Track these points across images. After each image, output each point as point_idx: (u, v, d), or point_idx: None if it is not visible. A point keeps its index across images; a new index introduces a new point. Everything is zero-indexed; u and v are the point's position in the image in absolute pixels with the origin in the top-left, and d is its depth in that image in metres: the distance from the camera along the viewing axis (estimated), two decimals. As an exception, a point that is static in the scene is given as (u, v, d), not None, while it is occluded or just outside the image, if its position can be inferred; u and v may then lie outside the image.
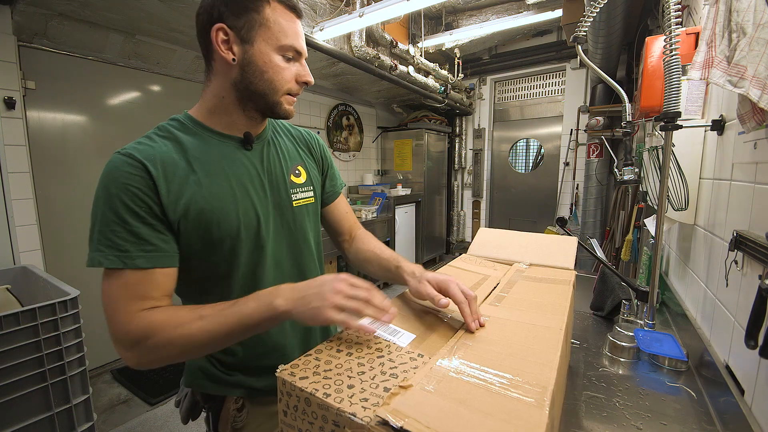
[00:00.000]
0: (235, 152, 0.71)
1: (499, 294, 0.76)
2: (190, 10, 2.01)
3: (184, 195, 0.62)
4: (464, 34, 3.39)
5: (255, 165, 0.72)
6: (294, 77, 0.68)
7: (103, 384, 2.32)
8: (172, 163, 0.63)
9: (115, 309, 0.58)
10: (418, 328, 0.60)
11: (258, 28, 0.63)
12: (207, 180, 0.65)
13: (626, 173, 1.31)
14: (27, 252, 1.95)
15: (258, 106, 0.69)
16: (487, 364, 0.49)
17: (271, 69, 0.65)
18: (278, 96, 0.68)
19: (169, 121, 0.70)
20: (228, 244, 0.67)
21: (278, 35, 0.64)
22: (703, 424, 0.71)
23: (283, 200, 0.75)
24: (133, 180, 0.59)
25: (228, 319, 0.57)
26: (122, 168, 0.59)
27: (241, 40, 0.64)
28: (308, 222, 0.81)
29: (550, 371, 0.47)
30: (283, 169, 0.77)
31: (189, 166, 0.64)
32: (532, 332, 0.58)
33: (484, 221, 4.87)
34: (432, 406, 0.39)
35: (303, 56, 0.70)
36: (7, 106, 1.86)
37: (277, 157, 0.77)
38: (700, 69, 0.78)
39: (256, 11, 0.63)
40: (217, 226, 0.65)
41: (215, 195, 0.65)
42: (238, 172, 0.69)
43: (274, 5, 0.64)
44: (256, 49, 0.64)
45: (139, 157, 0.60)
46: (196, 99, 0.75)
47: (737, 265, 0.79)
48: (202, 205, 0.63)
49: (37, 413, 1.26)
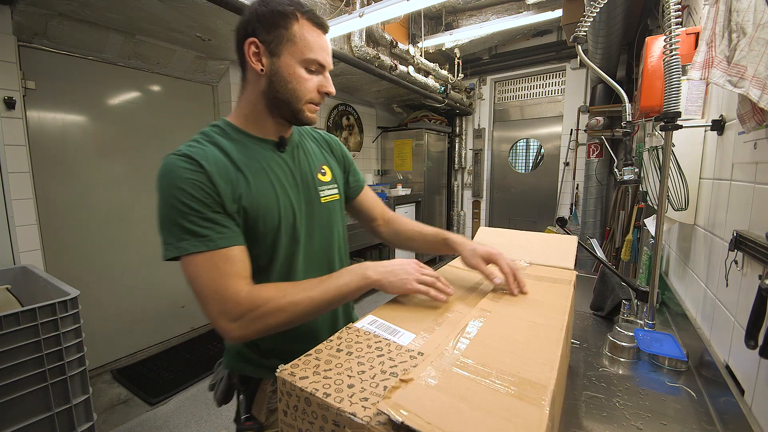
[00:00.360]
0: (271, 154, 0.78)
1: (500, 291, 0.76)
2: (190, 10, 2.01)
3: (236, 193, 0.69)
4: (464, 34, 3.39)
5: (289, 165, 0.80)
6: (316, 88, 0.74)
7: (103, 384, 2.32)
8: (222, 164, 0.69)
9: (219, 287, 0.64)
10: (420, 325, 0.60)
11: (285, 42, 0.70)
12: (252, 180, 0.72)
13: (626, 173, 1.31)
14: (27, 252, 1.95)
15: (283, 113, 0.76)
16: (488, 361, 0.49)
17: (294, 80, 0.72)
18: (300, 104, 0.74)
19: (210, 127, 0.76)
20: (270, 237, 0.75)
21: (303, 49, 0.71)
22: (703, 424, 0.71)
23: (313, 197, 0.83)
24: (194, 175, 0.65)
25: (329, 289, 0.67)
26: (181, 166, 0.65)
27: (269, 53, 0.70)
28: (334, 216, 0.88)
29: (550, 371, 0.47)
30: (311, 169, 0.85)
31: (235, 167, 0.71)
32: (533, 330, 0.58)
33: (484, 221, 4.87)
34: (433, 402, 0.39)
35: (326, 69, 0.75)
36: (7, 106, 1.86)
37: (305, 158, 0.85)
38: (700, 69, 0.78)
39: (285, 27, 0.69)
40: (263, 221, 0.72)
41: (260, 194, 0.72)
42: (276, 172, 0.77)
43: (302, 22, 0.71)
44: (282, 62, 0.71)
45: (194, 156, 0.67)
46: (196, 99, 0.77)
47: (737, 265, 0.79)
48: (251, 203, 0.71)
49: (37, 413, 1.26)
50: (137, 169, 2.62)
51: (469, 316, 0.63)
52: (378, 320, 0.62)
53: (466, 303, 0.70)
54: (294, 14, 0.70)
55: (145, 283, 2.71)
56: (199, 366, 2.49)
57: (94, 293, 2.40)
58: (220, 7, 1.87)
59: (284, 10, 0.70)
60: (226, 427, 1.92)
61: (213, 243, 0.64)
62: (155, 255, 2.77)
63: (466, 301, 0.72)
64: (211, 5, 1.87)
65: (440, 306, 0.68)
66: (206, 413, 2.03)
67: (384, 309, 0.67)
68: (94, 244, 2.42)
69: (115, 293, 2.54)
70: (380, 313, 0.65)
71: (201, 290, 0.64)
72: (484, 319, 0.62)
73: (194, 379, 2.32)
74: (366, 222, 1.03)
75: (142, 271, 2.69)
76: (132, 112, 2.58)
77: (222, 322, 0.64)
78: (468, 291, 0.77)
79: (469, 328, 0.59)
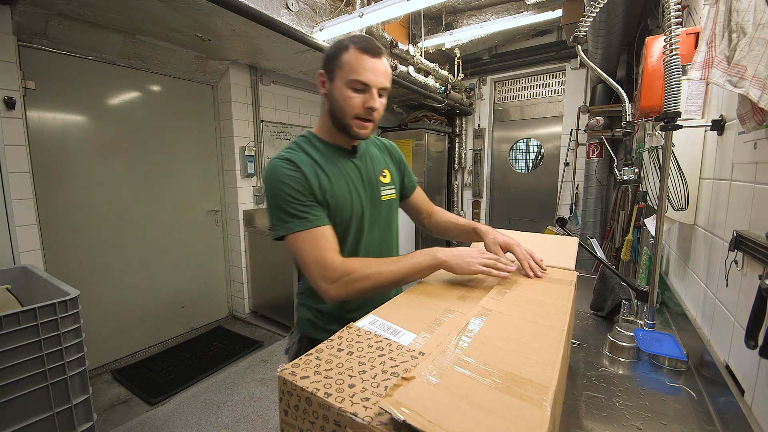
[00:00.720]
0: (345, 160, 0.95)
1: (501, 289, 0.76)
2: (190, 10, 2.01)
3: (322, 189, 0.87)
4: (464, 34, 3.39)
5: (359, 169, 0.97)
6: (362, 104, 0.86)
7: (103, 384, 2.32)
8: (311, 167, 0.88)
9: (319, 256, 0.81)
10: (420, 325, 0.60)
11: (336, 70, 0.86)
12: (333, 180, 0.90)
13: (626, 173, 1.32)
14: (27, 252, 1.95)
15: (339, 127, 0.91)
16: (489, 360, 0.49)
17: (341, 99, 0.86)
18: (347, 119, 0.88)
19: (299, 137, 0.96)
20: (342, 228, 0.91)
21: (347, 73, 0.85)
22: (703, 424, 0.71)
23: (376, 196, 0.99)
24: (295, 173, 0.85)
25: (405, 265, 0.82)
26: (285, 167, 0.86)
27: (329, 80, 0.89)
28: (392, 212, 1.06)
29: (551, 371, 0.47)
30: (375, 172, 1.01)
31: (321, 169, 0.89)
32: (534, 330, 0.58)
33: (484, 221, 4.87)
34: (435, 401, 0.39)
35: (372, 87, 0.86)
36: (7, 106, 1.86)
37: (371, 163, 1.01)
38: (700, 69, 0.78)
39: (337, 58, 0.86)
40: (340, 214, 0.90)
41: (338, 192, 0.90)
42: (350, 174, 0.94)
43: (351, 51, 0.85)
44: (335, 85, 0.87)
45: (294, 159, 0.87)
46: (196, 99, 0.80)
47: (737, 265, 0.79)
48: (332, 198, 0.88)
49: (38, 413, 1.26)
50: (137, 169, 2.62)
51: (470, 315, 0.63)
52: (379, 320, 0.62)
53: (468, 302, 0.70)
54: (346, 47, 0.85)
55: (145, 283, 2.71)
56: (199, 366, 2.49)
57: (94, 293, 2.40)
58: (220, 7, 1.86)
59: (340, 45, 0.87)
60: (226, 427, 1.92)
61: (311, 223, 0.83)
62: (155, 255, 2.77)
63: (467, 300, 0.72)
64: (211, 5, 1.87)
65: (441, 306, 0.68)
66: (206, 413, 2.03)
67: (384, 308, 0.67)
68: (94, 244, 2.42)
69: (115, 293, 2.54)
70: (381, 312, 0.65)
71: (305, 259, 0.82)
72: (486, 318, 0.62)
73: (194, 379, 2.32)
74: (415, 216, 1.21)
75: (142, 271, 2.69)
76: (132, 112, 2.58)
77: (322, 284, 0.80)
78: (470, 290, 0.78)
79: (471, 326, 0.59)
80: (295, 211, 0.83)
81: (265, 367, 2.51)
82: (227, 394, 2.20)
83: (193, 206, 3.03)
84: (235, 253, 3.25)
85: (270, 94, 3.29)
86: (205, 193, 3.11)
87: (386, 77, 0.88)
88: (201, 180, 3.06)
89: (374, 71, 0.85)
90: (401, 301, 0.71)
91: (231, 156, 3.08)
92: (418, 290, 0.78)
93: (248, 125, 3.14)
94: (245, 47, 2.60)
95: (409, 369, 0.47)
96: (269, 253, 3.06)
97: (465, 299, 0.72)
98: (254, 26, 2.17)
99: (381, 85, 0.87)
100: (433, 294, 0.76)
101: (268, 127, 3.29)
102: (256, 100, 3.15)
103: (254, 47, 2.60)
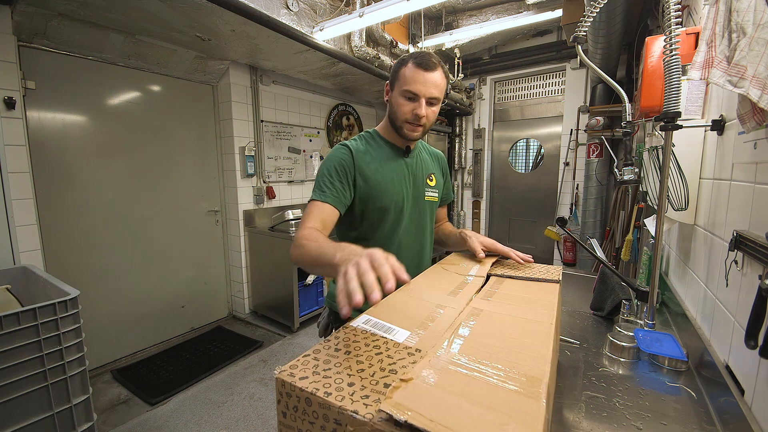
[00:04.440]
0: (398, 157, 1.12)
1: (489, 290, 0.78)
2: (190, 10, 2.01)
3: (366, 173, 1.04)
4: (464, 34, 3.39)
5: (409, 167, 1.13)
6: (411, 111, 1.01)
7: (103, 384, 2.32)
8: (365, 153, 1.08)
9: (304, 221, 0.95)
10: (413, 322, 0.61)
11: (396, 81, 1.03)
12: (379, 169, 1.06)
13: (626, 173, 1.31)
14: (27, 252, 1.95)
15: (395, 129, 1.07)
16: (483, 357, 0.50)
17: (396, 105, 1.03)
18: (399, 123, 1.04)
19: (365, 132, 1.15)
20: (379, 213, 1.06)
21: (403, 84, 1.00)
22: (703, 424, 0.71)
23: (420, 194, 1.15)
24: (345, 154, 1.04)
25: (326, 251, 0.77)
26: (340, 149, 1.06)
27: (391, 89, 1.06)
28: (431, 212, 1.20)
29: (544, 364, 0.48)
30: (423, 174, 1.17)
31: (372, 158, 1.07)
32: (524, 326, 0.60)
33: (484, 221, 4.87)
34: (434, 399, 0.40)
35: (421, 97, 0.99)
36: (7, 106, 1.86)
37: (421, 165, 1.18)
38: (700, 69, 0.78)
39: (397, 72, 1.02)
40: (380, 200, 1.05)
41: (381, 180, 1.05)
42: (397, 169, 1.10)
43: (409, 65, 0.99)
44: (393, 94, 1.04)
45: (351, 146, 1.07)
46: (196, 99, 0.80)
47: (737, 265, 0.79)
48: (373, 184, 1.05)
49: (38, 413, 1.26)
50: (137, 169, 2.62)
51: (462, 316, 0.64)
52: (372, 319, 0.62)
53: (457, 298, 0.73)
54: (405, 62, 1.00)
55: (145, 283, 2.71)
56: (199, 366, 2.49)
57: (94, 293, 2.40)
58: (220, 7, 1.87)
59: (401, 61, 1.02)
60: (226, 427, 1.92)
61: (324, 196, 0.98)
62: (155, 255, 2.77)
63: (457, 296, 0.74)
64: (211, 5, 1.87)
65: (432, 303, 0.70)
66: (206, 413, 2.03)
67: (378, 308, 0.67)
68: (94, 244, 2.42)
69: (115, 293, 2.54)
70: (374, 311, 0.65)
71: (302, 220, 0.97)
72: (477, 317, 0.63)
73: (194, 379, 2.32)
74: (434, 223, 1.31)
75: (142, 271, 2.69)
76: (132, 112, 2.58)
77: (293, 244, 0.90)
78: (458, 287, 0.79)
79: (463, 326, 0.60)
80: (322, 184, 1.00)
81: (265, 367, 2.51)
82: (227, 394, 2.20)
83: (193, 206, 3.03)
84: (235, 253, 3.25)
85: (270, 94, 3.29)
86: (205, 193, 3.11)
87: (437, 88, 0.99)
88: (201, 180, 3.06)
89: (424, 83, 0.98)
90: (392, 302, 0.71)
91: (231, 156, 3.08)
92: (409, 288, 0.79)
93: (248, 125, 3.14)
94: (245, 47, 2.60)
95: (407, 366, 0.48)
96: (269, 253, 3.06)
97: (455, 295, 0.75)
98: (254, 26, 2.17)
99: (430, 95, 0.99)
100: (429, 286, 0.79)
101: (268, 127, 3.29)
102: (256, 100, 3.15)
103: (254, 47, 2.60)
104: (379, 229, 1.08)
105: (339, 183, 1.00)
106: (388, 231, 1.08)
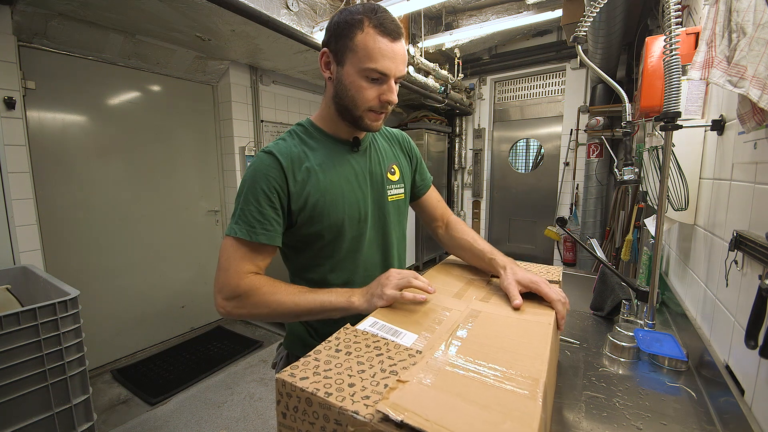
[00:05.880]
0: (345, 154, 0.84)
1: (488, 292, 0.78)
2: (190, 10, 2.01)
3: (306, 187, 0.77)
4: (464, 34, 3.39)
5: (361, 165, 0.85)
6: (377, 96, 0.75)
7: (103, 384, 2.32)
8: (299, 159, 0.78)
9: (229, 266, 0.73)
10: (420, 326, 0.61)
11: (347, 52, 0.73)
12: (323, 176, 0.79)
13: (626, 173, 1.31)
14: (27, 252, 1.95)
15: (346, 118, 0.80)
16: (481, 357, 0.50)
17: (353, 88, 0.74)
18: (359, 112, 0.77)
19: (296, 125, 0.85)
20: (331, 235, 0.80)
21: (362, 59, 0.72)
22: (703, 424, 0.71)
23: (381, 195, 0.88)
24: (271, 171, 0.75)
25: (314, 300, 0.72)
26: (265, 162, 0.76)
27: (336, 62, 0.75)
28: (399, 216, 0.93)
29: (541, 364, 0.48)
30: (382, 169, 0.89)
31: (310, 162, 0.79)
32: (522, 327, 0.60)
33: (484, 221, 4.87)
34: (430, 400, 0.40)
35: (390, 77, 0.74)
36: (7, 106, 1.86)
37: (377, 158, 0.89)
38: (700, 69, 0.78)
39: (349, 38, 0.72)
40: (327, 218, 0.78)
41: (327, 190, 0.78)
42: (346, 171, 0.82)
43: (367, 30, 0.71)
44: (345, 71, 0.74)
45: (276, 153, 0.76)
46: (196, 99, 0.79)
47: (737, 265, 0.79)
48: (318, 198, 0.77)
49: (38, 413, 1.26)
50: (137, 169, 2.62)
51: (461, 317, 0.64)
52: (379, 322, 0.62)
53: (463, 300, 0.73)
54: (360, 24, 0.71)
55: (145, 283, 2.71)
56: (199, 366, 2.49)
57: (94, 293, 2.40)
58: (220, 7, 1.86)
59: (351, 20, 0.72)
60: (226, 427, 1.92)
61: (255, 236, 0.73)
62: (155, 255, 2.77)
63: (462, 298, 0.74)
64: (211, 5, 1.87)
65: (438, 305, 0.69)
66: (206, 413, 2.03)
67: (384, 311, 0.67)
68: (94, 244, 2.42)
69: (115, 293, 2.54)
70: (380, 314, 0.65)
71: (220, 263, 0.75)
72: (476, 318, 0.63)
73: (194, 379, 2.32)
74: (427, 222, 1.06)
75: (142, 271, 2.69)
76: (132, 112, 2.58)
77: (219, 297, 0.74)
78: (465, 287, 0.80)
79: (461, 327, 0.60)
80: (249, 216, 0.74)
81: (265, 367, 2.51)
82: (227, 394, 2.20)
83: (193, 206, 3.03)
84: (235, 253, 3.25)
85: (270, 94, 3.29)
86: (205, 193, 3.11)
87: (405, 63, 0.75)
88: (201, 180, 3.06)
89: (394, 58, 0.72)
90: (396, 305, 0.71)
91: (231, 156, 3.08)
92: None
93: (248, 125, 3.14)
94: (245, 47, 2.60)
95: (408, 367, 0.48)
96: (269, 253, 3.06)
97: (461, 297, 0.75)
98: (254, 26, 2.16)
99: (401, 73, 0.75)
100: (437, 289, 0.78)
101: (268, 127, 3.29)
102: (256, 100, 3.15)
103: (254, 47, 2.60)
104: (334, 253, 0.82)
105: (270, 209, 0.74)
106: (345, 252, 0.83)
